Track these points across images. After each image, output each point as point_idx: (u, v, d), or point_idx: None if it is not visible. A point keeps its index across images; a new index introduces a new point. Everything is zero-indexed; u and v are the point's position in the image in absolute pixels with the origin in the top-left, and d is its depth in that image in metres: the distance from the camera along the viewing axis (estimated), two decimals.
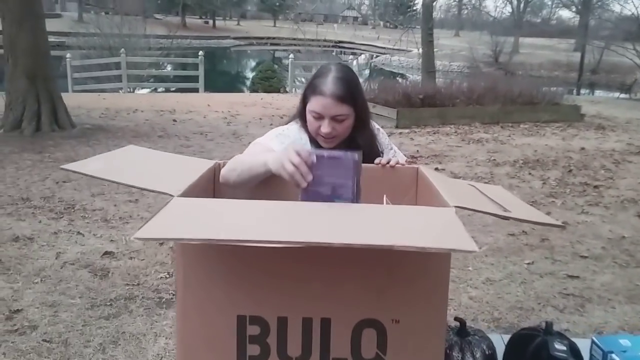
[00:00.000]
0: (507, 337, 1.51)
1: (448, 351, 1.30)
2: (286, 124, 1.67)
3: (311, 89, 1.53)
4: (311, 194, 1.11)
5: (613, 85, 24.58)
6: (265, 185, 1.45)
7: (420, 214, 1.02)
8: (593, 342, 1.28)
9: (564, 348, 1.23)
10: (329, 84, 1.49)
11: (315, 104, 1.51)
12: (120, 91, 13.36)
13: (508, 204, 1.18)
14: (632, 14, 23.27)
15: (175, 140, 7.42)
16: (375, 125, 1.71)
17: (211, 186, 1.37)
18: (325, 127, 1.50)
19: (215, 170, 1.40)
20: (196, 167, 1.29)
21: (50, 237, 3.96)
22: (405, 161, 1.50)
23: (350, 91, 1.51)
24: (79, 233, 4.04)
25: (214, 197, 1.39)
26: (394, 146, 1.77)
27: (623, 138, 8.71)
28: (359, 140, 1.57)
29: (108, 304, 3.06)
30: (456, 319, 1.35)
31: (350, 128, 1.55)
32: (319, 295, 1.01)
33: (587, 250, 4.10)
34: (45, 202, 4.67)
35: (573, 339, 1.39)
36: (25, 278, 3.32)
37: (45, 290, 3.18)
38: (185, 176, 1.18)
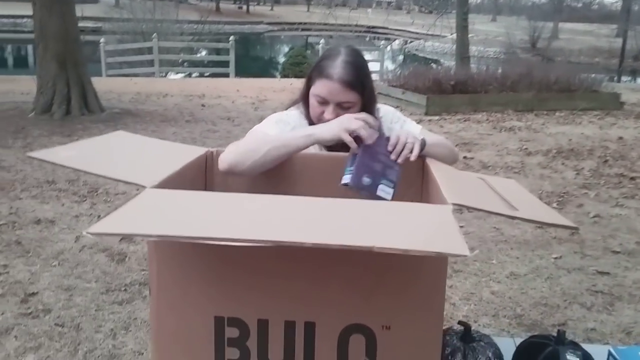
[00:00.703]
0: (519, 340, 1.41)
1: (450, 357, 1.21)
2: (286, 108, 1.59)
3: (317, 72, 1.43)
4: (363, 165, 1.20)
5: None
6: (268, 177, 1.37)
7: (412, 212, 0.93)
8: (610, 353, 1.17)
9: (577, 359, 1.12)
10: (338, 67, 1.39)
11: (320, 88, 1.41)
12: (153, 76, 13.47)
13: (517, 201, 1.08)
14: None
15: (202, 125, 7.42)
16: (381, 108, 1.58)
17: (201, 176, 1.30)
18: (329, 114, 1.40)
19: (207, 159, 1.33)
20: (183, 156, 1.22)
21: (71, 220, 3.99)
22: (414, 137, 1.33)
23: (359, 77, 1.41)
24: (99, 217, 4.06)
25: (205, 187, 1.32)
26: (406, 120, 1.59)
27: None
28: None
29: (123, 289, 3.05)
30: (460, 322, 1.25)
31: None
32: (303, 297, 0.94)
33: (619, 245, 3.91)
34: (69, 185, 4.71)
35: (591, 346, 1.28)
36: (43, 261, 3.34)
37: (62, 274, 3.19)
38: (168, 166, 1.11)
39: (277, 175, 1.37)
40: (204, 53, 19.93)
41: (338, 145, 1.43)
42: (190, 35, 17.96)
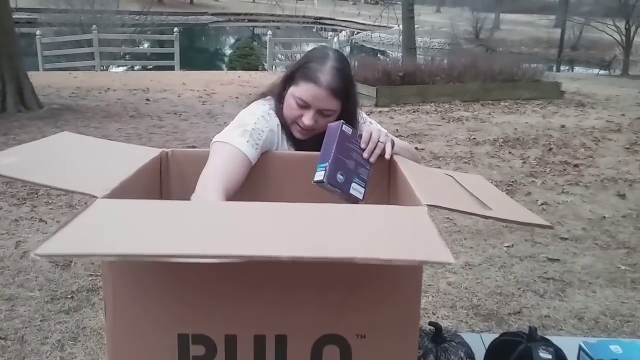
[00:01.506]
0: (486, 337, 1.40)
1: (422, 359, 1.18)
2: (254, 100, 1.49)
3: (303, 73, 1.35)
4: (338, 162, 1.17)
5: (593, 61, 24.66)
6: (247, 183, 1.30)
7: (386, 216, 0.88)
8: (581, 348, 1.16)
9: (550, 356, 1.11)
10: (327, 74, 1.32)
11: (304, 91, 1.33)
12: (94, 69, 12.96)
13: (489, 199, 1.05)
14: None
15: (148, 121, 7.18)
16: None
17: (156, 180, 1.22)
18: (308, 119, 1.34)
19: (161, 161, 1.24)
20: (136, 159, 1.13)
21: (10, 225, 3.76)
22: (386, 134, 1.31)
23: (346, 86, 1.35)
24: (41, 220, 3.85)
25: (161, 193, 1.24)
26: (372, 121, 1.55)
27: (603, 115, 8.67)
28: None
29: (69, 296, 2.90)
30: (431, 323, 1.22)
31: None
32: (273, 309, 0.88)
33: (567, 231, 4.04)
34: (7, 187, 4.45)
35: (561, 339, 1.28)
36: None
37: (2, 283, 3.00)
38: (119, 170, 1.02)
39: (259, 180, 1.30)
40: (146, 45, 19.37)
41: (308, 143, 1.38)
42: (132, 27, 17.37)
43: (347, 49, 27.96)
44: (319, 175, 1.16)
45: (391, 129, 7.11)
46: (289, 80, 1.39)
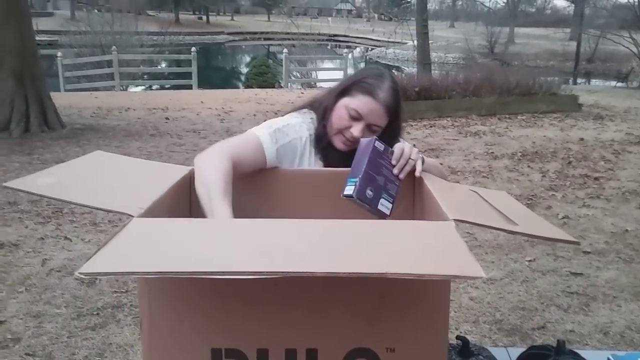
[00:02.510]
0: (513, 351, 1.40)
1: None
2: (293, 110, 1.53)
3: (360, 87, 1.40)
4: (368, 178, 1.20)
5: (609, 74, 24.46)
6: (257, 195, 1.33)
7: (415, 231, 0.90)
8: None
9: None
10: (384, 91, 1.38)
11: (361, 104, 1.38)
12: (113, 89, 13.19)
13: (514, 214, 1.06)
14: (628, 1, 23.11)
15: (168, 139, 7.28)
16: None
17: (186, 198, 1.25)
18: (357, 131, 1.37)
19: (190, 179, 1.27)
20: (167, 177, 1.16)
21: (36, 242, 3.84)
22: (417, 152, 1.33)
23: (398, 107, 1.42)
24: (66, 238, 3.91)
25: (190, 210, 1.27)
26: (403, 140, 1.56)
27: (622, 128, 8.60)
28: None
29: (95, 313, 2.94)
30: (458, 337, 1.23)
31: None
32: (303, 323, 0.90)
33: (589, 245, 3.99)
34: (32, 206, 4.54)
35: (590, 352, 1.28)
36: (9, 287, 3.20)
37: (29, 300, 3.05)
38: (152, 189, 1.05)
39: (268, 193, 1.33)
40: (164, 65, 19.67)
41: (335, 158, 1.41)
42: (150, 47, 17.68)
43: (362, 64, 28.10)
44: (349, 190, 1.19)
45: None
46: (342, 93, 1.43)
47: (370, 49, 35.84)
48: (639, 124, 8.94)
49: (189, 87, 13.84)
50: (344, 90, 1.42)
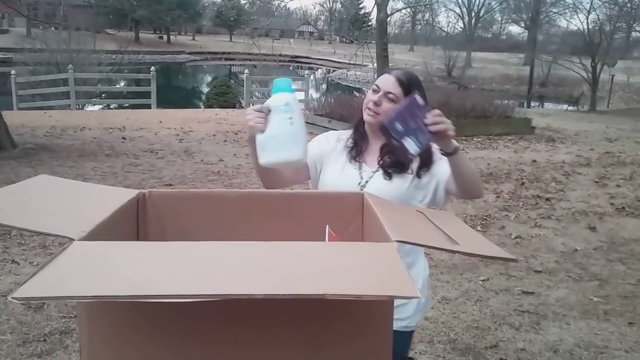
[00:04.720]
0: None
1: None
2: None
3: (380, 75, 1.71)
4: (401, 116, 1.36)
5: (561, 97, 25.45)
6: (206, 220, 1.33)
7: (357, 252, 0.91)
8: None
9: None
10: (398, 69, 1.70)
11: (379, 80, 1.67)
12: (69, 108, 12.91)
13: (457, 234, 1.09)
14: (578, 29, 24.17)
15: (124, 159, 7.15)
16: None
17: (133, 222, 1.23)
18: (375, 97, 1.63)
19: (138, 202, 1.26)
20: (113, 200, 1.14)
21: None
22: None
23: (410, 82, 1.64)
24: (13, 261, 3.78)
25: (137, 234, 1.25)
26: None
27: (572, 150, 8.92)
28: None
29: (42, 339, 2.83)
30: (407, 358, 1.24)
31: None
32: (249, 347, 0.89)
33: (541, 264, 4.10)
34: None
35: None
36: None
37: None
38: (96, 213, 1.04)
39: (217, 216, 1.32)
40: (123, 84, 19.39)
41: (357, 134, 1.75)
42: (108, 66, 17.43)
43: (324, 86, 28.37)
44: (384, 121, 1.38)
45: None
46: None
47: (331, 70, 36.25)
48: (589, 146, 9.30)
49: (148, 106, 13.67)
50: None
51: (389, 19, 14.59)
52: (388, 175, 1.65)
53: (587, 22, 22.60)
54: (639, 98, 23.21)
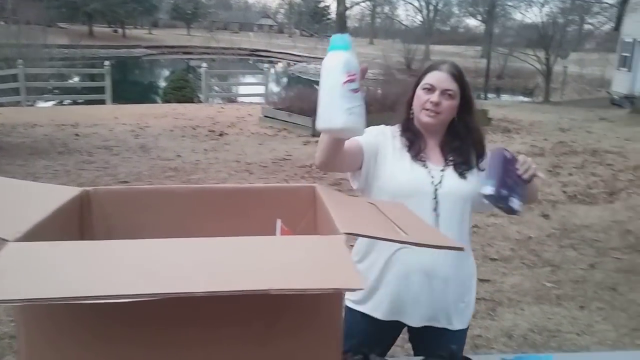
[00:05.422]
0: None
1: None
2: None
3: (426, 71, 1.67)
4: (503, 180, 1.45)
5: (517, 89, 26.05)
6: (155, 216, 1.29)
7: (304, 246, 0.90)
8: None
9: None
10: (445, 64, 1.67)
11: (429, 78, 1.64)
12: (19, 105, 12.47)
13: (407, 225, 1.09)
14: (533, 22, 24.77)
15: (77, 157, 6.96)
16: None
17: (75, 221, 1.18)
18: (435, 97, 1.61)
19: (81, 200, 1.22)
20: (53, 199, 1.10)
21: None
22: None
23: (461, 75, 1.65)
24: None
25: (81, 234, 1.21)
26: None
27: (527, 140, 9.13)
28: (470, 123, 1.67)
29: None
30: (359, 351, 1.25)
31: (453, 111, 1.64)
32: (195, 347, 0.87)
33: (496, 252, 4.19)
34: None
35: (483, 357, 1.33)
36: None
37: None
38: (34, 212, 1.00)
39: (166, 213, 1.29)
40: (77, 79, 18.86)
41: (410, 133, 1.72)
42: (60, 61, 16.93)
43: (284, 80, 28.26)
44: (489, 190, 1.45)
45: None
46: (414, 86, 1.69)
47: (292, 64, 36.12)
48: (543, 136, 9.54)
49: (103, 102, 13.34)
50: (416, 84, 1.68)
51: (348, 12, 14.64)
52: (461, 174, 1.64)
53: (541, 15, 23.18)
54: (591, 89, 23.96)
